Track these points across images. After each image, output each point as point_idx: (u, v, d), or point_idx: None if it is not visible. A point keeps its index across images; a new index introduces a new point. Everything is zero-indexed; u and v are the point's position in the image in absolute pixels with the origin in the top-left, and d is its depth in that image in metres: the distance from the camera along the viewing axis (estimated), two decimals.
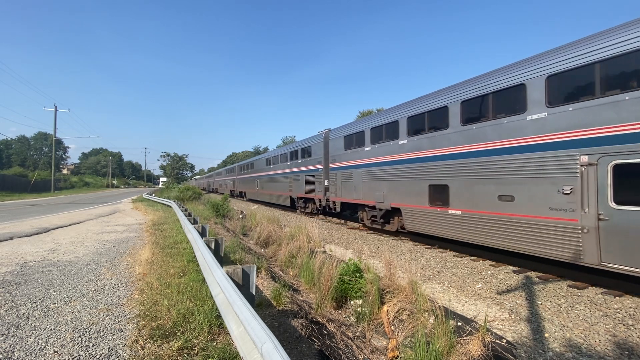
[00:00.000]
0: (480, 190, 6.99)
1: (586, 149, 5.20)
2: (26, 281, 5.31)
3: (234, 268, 4.10)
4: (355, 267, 6.24)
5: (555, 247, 5.61)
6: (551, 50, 5.91)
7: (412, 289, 5.31)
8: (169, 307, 4.01)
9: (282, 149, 21.46)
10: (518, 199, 6.20)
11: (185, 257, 6.55)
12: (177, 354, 3.10)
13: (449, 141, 7.76)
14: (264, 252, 10.43)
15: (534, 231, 5.93)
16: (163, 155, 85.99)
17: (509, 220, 6.37)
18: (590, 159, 5.13)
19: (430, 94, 8.66)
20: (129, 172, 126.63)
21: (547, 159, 5.74)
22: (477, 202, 7.06)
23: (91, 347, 3.25)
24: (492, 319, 4.72)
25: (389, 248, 8.97)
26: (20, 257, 6.97)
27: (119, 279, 5.51)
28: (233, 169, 38.75)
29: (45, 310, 4.13)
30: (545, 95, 5.81)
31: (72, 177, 73.97)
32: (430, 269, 7.09)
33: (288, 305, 5.23)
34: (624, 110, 4.80)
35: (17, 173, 48.76)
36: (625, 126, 4.77)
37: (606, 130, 4.98)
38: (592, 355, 3.72)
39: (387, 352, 4.69)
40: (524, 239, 6.11)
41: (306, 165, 16.55)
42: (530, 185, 5.99)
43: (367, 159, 11.12)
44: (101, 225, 12.38)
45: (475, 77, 7.36)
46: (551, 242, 5.68)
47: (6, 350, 3.16)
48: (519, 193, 6.19)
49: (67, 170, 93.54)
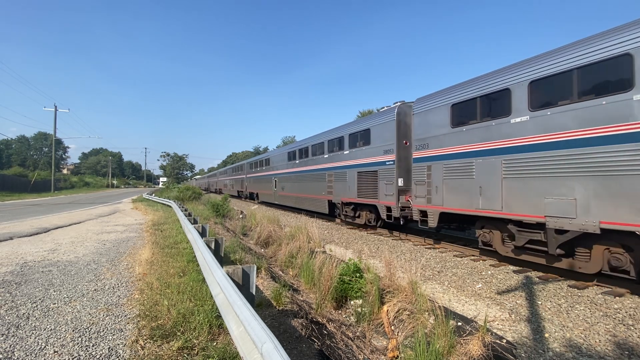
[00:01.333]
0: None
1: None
2: (26, 281, 5.31)
3: (234, 268, 4.09)
4: (355, 267, 6.24)
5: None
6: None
7: (412, 289, 5.31)
8: (169, 307, 4.00)
9: (314, 138, 15.83)
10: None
11: (185, 257, 6.55)
12: (177, 354, 3.10)
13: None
14: (264, 252, 10.43)
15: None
16: (163, 155, 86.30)
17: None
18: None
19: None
20: (129, 172, 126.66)
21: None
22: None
23: (91, 347, 3.24)
24: (492, 319, 4.72)
25: (389, 248, 8.96)
26: (20, 257, 6.97)
27: (119, 279, 5.51)
28: (241, 166, 33.56)
29: (45, 310, 4.12)
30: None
31: (72, 177, 73.99)
32: (430, 269, 7.08)
33: (288, 305, 5.23)
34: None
35: (17, 173, 48.78)
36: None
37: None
38: (592, 356, 3.72)
39: (387, 352, 4.69)
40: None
41: (359, 158, 11.62)
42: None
43: (523, 139, 6.22)
44: (101, 225, 12.37)
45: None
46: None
47: (6, 350, 3.16)
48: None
49: (67, 170, 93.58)
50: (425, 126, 8.60)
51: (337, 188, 13.12)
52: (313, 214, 15.57)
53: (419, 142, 8.78)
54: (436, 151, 8.26)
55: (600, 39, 5.29)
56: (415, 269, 5.85)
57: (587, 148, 5.30)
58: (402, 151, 9.80)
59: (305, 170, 16.43)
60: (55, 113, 42.96)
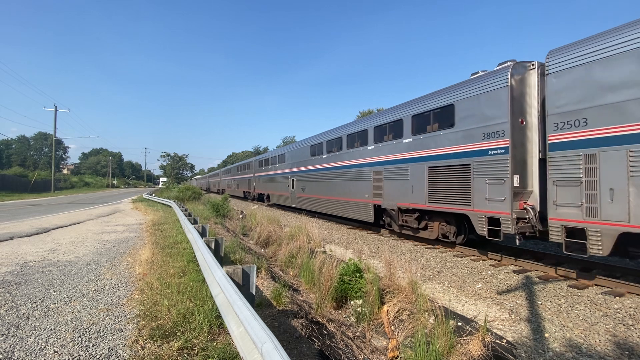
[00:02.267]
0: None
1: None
2: (26, 281, 5.31)
3: (234, 268, 4.09)
4: (355, 267, 6.24)
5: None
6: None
7: (412, 289, 5.31)
8: (169, 307, 4.00)
9: (349, 126, 12.88)
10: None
11: (185, 257, 6.55)
12: (177, 354, 3.10)
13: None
14: (264, 252, 10.43)
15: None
16: (163, 155, 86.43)
17: None
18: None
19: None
20: (129, 172, 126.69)
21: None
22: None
23: (91, 347, 3.24)
24: (492, 319, 4.72)
25: (389, 248, 8.96)
26: (20, 257, 6.97)
27: (119, 279, 5.51)
28: (249, 164, 30.37)
29: (45, 310, 4.12)
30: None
31: (72, 177, 74.04)
32: (430, 269, 7.08)
33: (288, 305, 5.23)
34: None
35: (17, 173, 48.82)
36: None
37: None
38: (592, 355, 3.72)
39: (387, 352, 4.69)
40: None
41: (431, 148, 8.48)
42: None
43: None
44: (101, 225, 12.37)
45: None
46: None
47: (6, 350, 3.16)
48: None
49: (67, 170, 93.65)
50: (584, 89, 5.43)
51: (390, 189, 9.99)
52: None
53: (565, 117, 5.67)
54: (611, 130, 5.08)
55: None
56: (415, 269, 5.85)
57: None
58: (518, 134, 6.67)
59: (337, 166, 13.38)
60: (55, 113, 43.02)
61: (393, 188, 9.92)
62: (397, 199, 9.71)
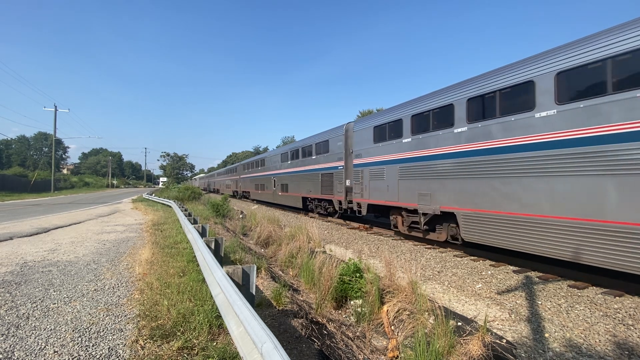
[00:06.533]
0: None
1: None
2: (26, 281, 5.31)
3: (234, 268, 4.10)
4: (355, 267, 6.24)
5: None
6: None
7: (412, 289, 5.31)
8: (169, 307, 4.01)
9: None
10: None
11: (185, 257, 6.55)
12: (177, 354, 3.10)
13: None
14: (264, 252, 10.43)
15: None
16: (163, 155, 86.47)
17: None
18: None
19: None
20: (129, 172, 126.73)
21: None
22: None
23: (91, 347, 3.24)
24: (492, 319, 4.72)
25: (389, 248, 8.97)
26: (20, 257, 6.97)
27: (119, 279, 5.51)
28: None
29: (45, 310, 4.12)
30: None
31: (72, 177, 74.04)
32: (430, 269, 7.08)
33: (288, 305, 5.24)
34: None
35: (17, 173, 48.81)
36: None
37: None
38: (592, 355, 3.72)
39: (387, 352, 4.69)
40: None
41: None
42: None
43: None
44: (101, 225, 12.37)
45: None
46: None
47: (6, 350, 3.16)
48: None
49: (67, 170, 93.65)
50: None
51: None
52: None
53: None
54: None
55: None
56: (415, 269, 5.85)
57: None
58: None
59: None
60: (55, 113, 42.99)
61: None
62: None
